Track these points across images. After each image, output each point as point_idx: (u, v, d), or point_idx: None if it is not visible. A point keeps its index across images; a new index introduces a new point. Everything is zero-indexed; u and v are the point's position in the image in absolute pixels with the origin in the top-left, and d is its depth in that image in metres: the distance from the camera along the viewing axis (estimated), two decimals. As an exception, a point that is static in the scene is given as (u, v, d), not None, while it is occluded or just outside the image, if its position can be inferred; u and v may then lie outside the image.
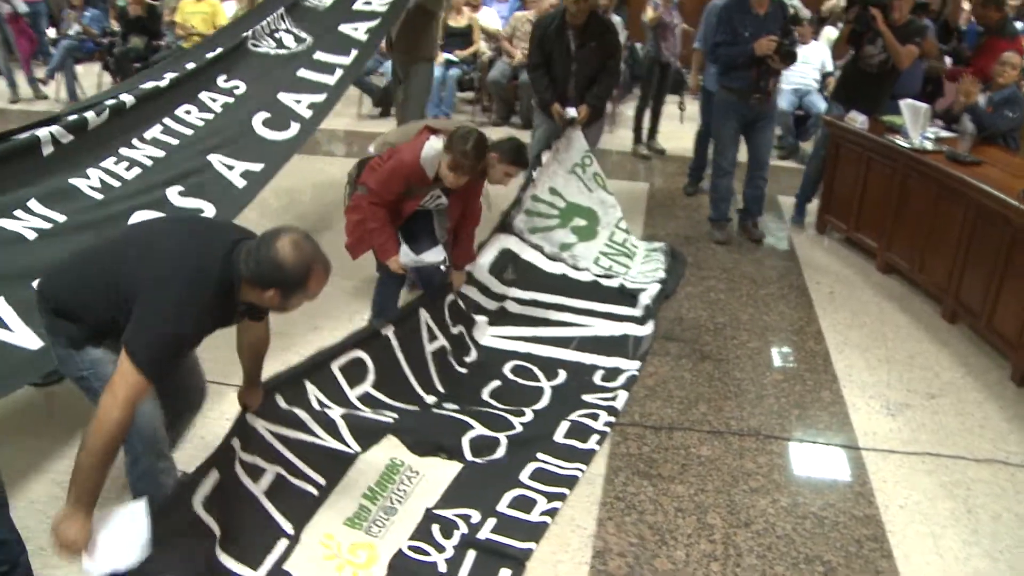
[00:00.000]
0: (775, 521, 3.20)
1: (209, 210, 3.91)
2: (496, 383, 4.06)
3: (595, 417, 3.79)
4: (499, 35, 9.02)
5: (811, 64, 8.21)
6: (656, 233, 6.13)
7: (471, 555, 2.93)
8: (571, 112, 5.56)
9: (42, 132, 3.76)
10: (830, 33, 8.94)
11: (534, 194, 5.45)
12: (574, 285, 5.04)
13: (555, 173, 5.61)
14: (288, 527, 2.92)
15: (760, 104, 5.76)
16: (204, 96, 4.45)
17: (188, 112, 4.35)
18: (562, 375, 4.17)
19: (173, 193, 3.91)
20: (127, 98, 4.13)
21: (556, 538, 3.04)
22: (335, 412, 3.39)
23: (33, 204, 3.61)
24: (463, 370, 4.14)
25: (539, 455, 3.49)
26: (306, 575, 2.79)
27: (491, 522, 3.09)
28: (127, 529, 2.33)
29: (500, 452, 3.50)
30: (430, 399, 3.85)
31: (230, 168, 4.14)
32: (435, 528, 3.05)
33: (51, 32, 10.89)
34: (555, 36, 5.49)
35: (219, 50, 4.70)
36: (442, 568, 2.87)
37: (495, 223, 5.18)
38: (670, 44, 7.82)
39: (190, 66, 4.53)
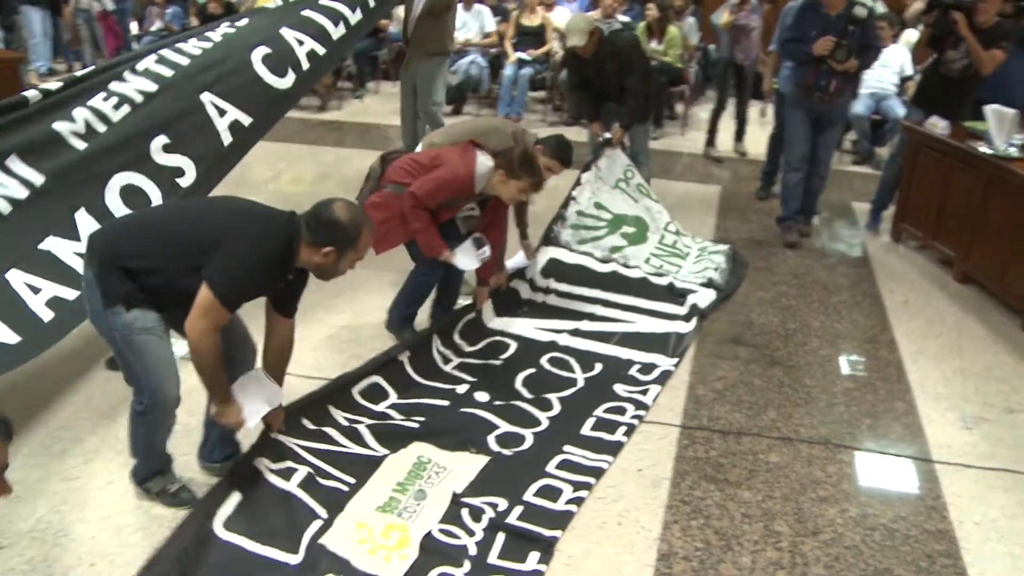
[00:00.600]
0: (844, 531, 3.14)
1: (190, 172, 3.88)
2: (530, 371, 4.12)
3: (622, 411, 3.82)
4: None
5: (890, 68, 8.04)
6: (727, 236, 6.07)
7: (501, 537, 2.98)
8: (606, 133, 5.73)
9: (30, 92, 3.72)
10: (910, 36, 8.74)
11: (579, 209, 5.56)
12: (623, 281, 5.09)
13: (599, 189, 5.71)
14: (322, 511, 2.99)
15: (822, 103, 5.71)
16: (205, 32, 4.32)
17: (185, 42, 4.20)
18: (598, 367, 4.21)
19: (157, 148, 3.83)
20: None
21: (620, 539, 3.04)
22: (362, 424, 3.50)
23: (12, 162, 3.55)
24: (497, 362, 4.19)
25: (566, 447, 3.53)
26: (340, 551, 2.85)
27: (518, 510, 3.13)
28: (257, 390, 2.97)
29: (527, 445, 3.55)
30: (462, 389, 3.90)
31: (221, 113, 4.04)
32: (464, 512, 3.09)
33: (134, 28, 11.21)
34: (582, 61, 5.66)
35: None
36: (472, 551, 2.91)
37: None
38: (744, 47, 7.73)
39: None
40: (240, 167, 5.57)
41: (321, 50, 4.47)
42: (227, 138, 4.05)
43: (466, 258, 4.09)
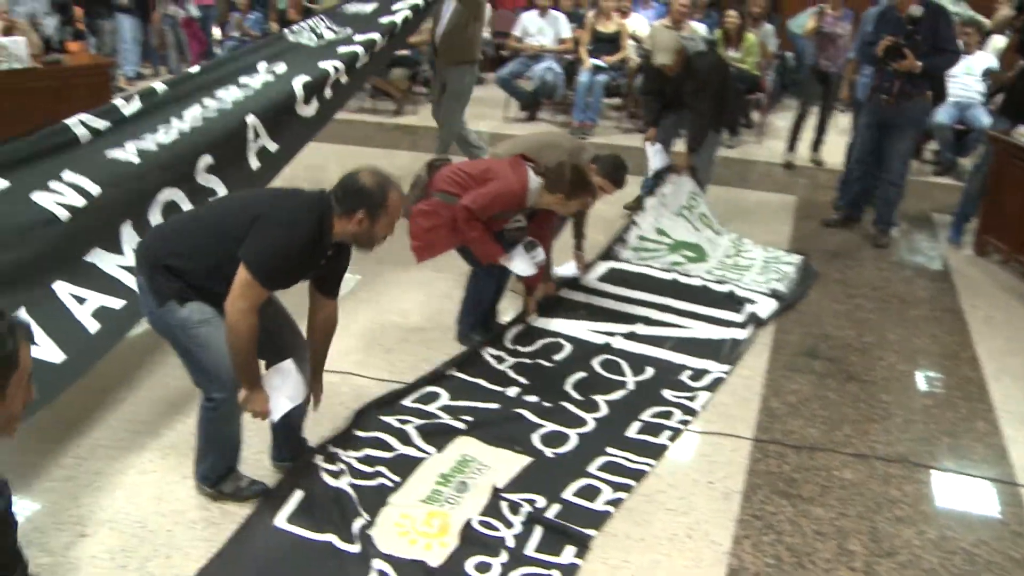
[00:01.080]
0: (921, 554, 3.07)
1: (220, 193, 3.93)
2: (581, 375, 4.15)
3: (669, 415, 3.83)
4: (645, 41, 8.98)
5: (975, 75, 7.83)
6: (802, 246, 5.98)
7: (538, 531, 3.03)
8: (661, 158, 5.83)
9: (71, 120, 3.72)
10: (998, 42, 8.49)
11: (640, 234, 5.66)
12: (682, 288, 5.14)
13: (661, 215, 5.80)
14: (367, 508, 3.08)
15: (888, 106, 5.74)
16: (243, 78, 4.37)
17: (227, 90, 4.25)
18: (649, 372, 4.22)
19: (201, 167, 3.91)
20: (158, 85, 4.13)
21: (690, 552, 3.01)
22: (411, 424, 3.60)
23: (66, 174, 3.54)
24: (550, 364, 4.24)
25: (609, 449, 3.55)
26: (383, 546, 2.92)
27: (555, 508, 3.17)
28: (281, 383, 2.95)
29: (570, 446, 3.58)
30: (512, 392, 3.95)
31: (256, 137, 4.13)
32: (503, 505, 3.14)
33: (216, 33, 11.51)
34: (663, 76, 5.74)
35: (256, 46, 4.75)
36: (510, 543, 2.96)
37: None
38: (831, 54, 7.56)
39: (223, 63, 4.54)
40: (314, 169, 5.75)
41: (345, 79, 4.63)
42: (254, 163, 4.16)
43: (522, 262, 4.14)
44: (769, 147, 8.52)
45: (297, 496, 3.11)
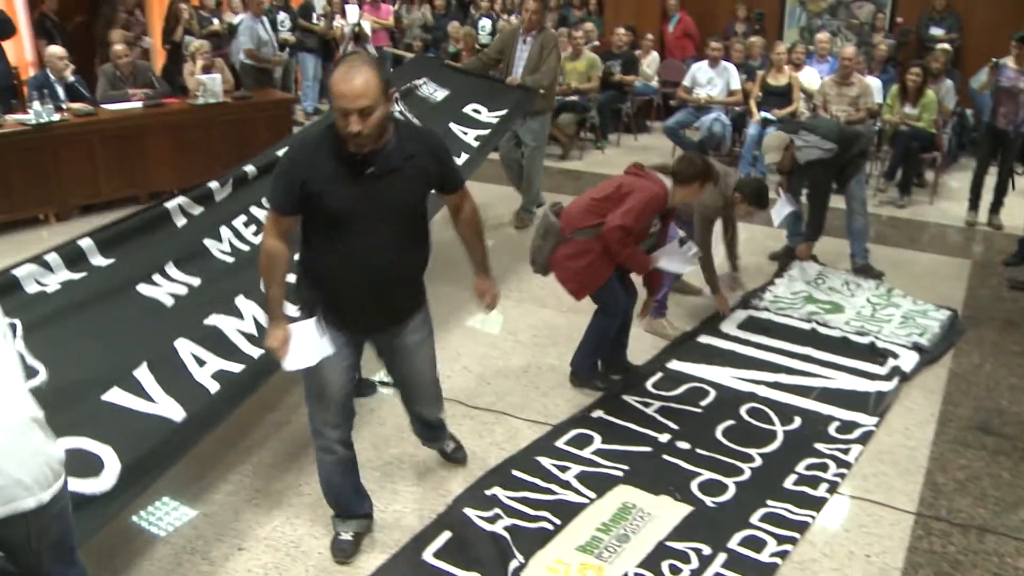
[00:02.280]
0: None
1: None
2: (730, 422, 4.15)
3: (825, 468, 3.80)
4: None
5: None
6: (975, 315, 5.69)
7: None
8: (791, 205, 5.86)
9: (171, 204, 3.92)
10: None
11: (776, 293, 5.80)
12: (823, 339, 5.13)
13: (794, 280, 6.00)
14: (519, 556, 3.12)
15: None
16: None
17: None
18: (797, 422, 4.20)
19: None
20: (249, 168, 4.30)
21: (844, 627, 2.92)
22: (570, 473, 3.64)
23: (170, 268, 3.67)
24: (698, 410, 4.25)
25: (769, 501, 3.53)
26: None
27: (722, 557, 3.17)
28: (304, 340, 2.81)
29: (729, 495, 3.56)
30: (664, 437, 3.98)
31: None
32: (664, 564, 3.13)
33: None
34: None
35: None
36: None
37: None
38: (1009, 111, 7.20)
39: None
40: (482, 208, 5.91)
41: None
42: None
43: (673, 260, 4.24)
44: (942, 208, 8.15)
45: (445, 536, 3.21)
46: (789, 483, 3.68)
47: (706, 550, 3.19)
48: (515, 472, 3.62)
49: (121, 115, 7.17)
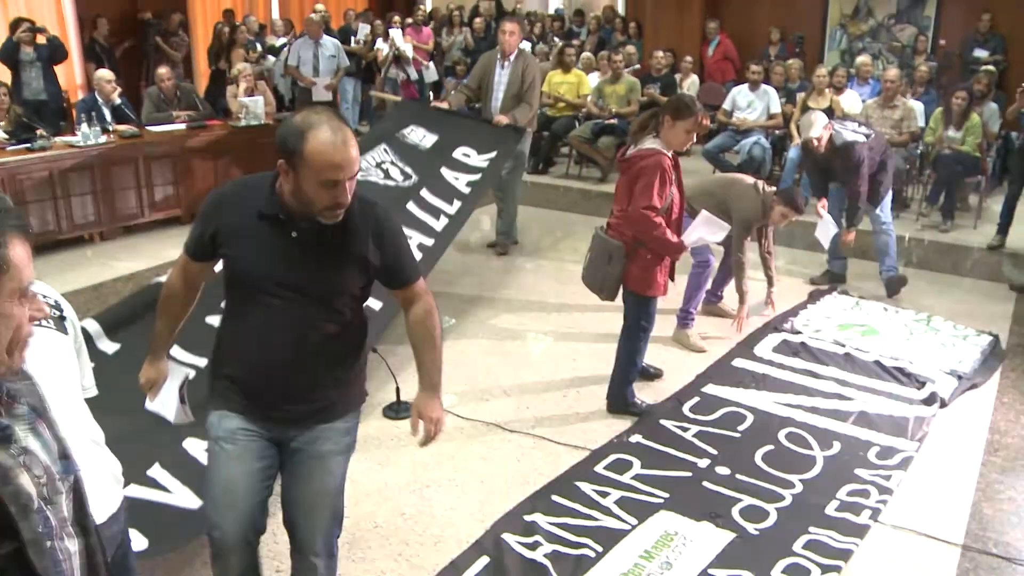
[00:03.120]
0: None
1: None
2: (769, 447, 4.12)
3: (866, 495, 3.74)
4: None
5: None
6: (1022, 343, 5.59)
7: None
8: (831, 227, 5.89)
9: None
10: None
11: (809, 316, 5.84)
12: (857, 363, 5.10)
13: (829, 305, 6.11)
14: None
15: None
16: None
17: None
18: (836, 447, 4.16)
19: None
20: None
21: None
22: (610, 498, 3.62)
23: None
24: (736, 434, 4.22)
25: (811, 528, 3.48)
26: None
27: None
28: (168, 392, 2.68)
29: (770, 521, 3.52)
30: (703, 463, 3.96)
31: None
32: None
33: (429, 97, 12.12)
34: (813, 153, 5.99)
35: None
36: None
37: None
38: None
39: None
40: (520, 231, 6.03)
41: (428, 242, 4.83)
42: None
43: (707, 229, 4.34)
44: (986, 232, 8.00)
45: (483, 561, 3.19)
46: (831, 509, 3.63)
47: None
48: (555, 497, 3.61)
49: (165, 137, 7.31)
